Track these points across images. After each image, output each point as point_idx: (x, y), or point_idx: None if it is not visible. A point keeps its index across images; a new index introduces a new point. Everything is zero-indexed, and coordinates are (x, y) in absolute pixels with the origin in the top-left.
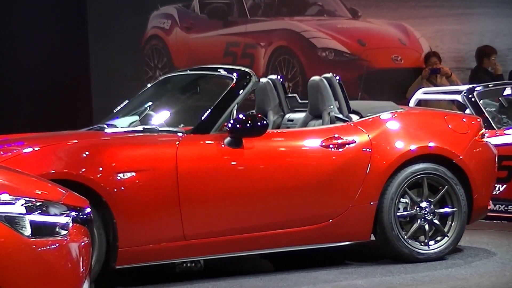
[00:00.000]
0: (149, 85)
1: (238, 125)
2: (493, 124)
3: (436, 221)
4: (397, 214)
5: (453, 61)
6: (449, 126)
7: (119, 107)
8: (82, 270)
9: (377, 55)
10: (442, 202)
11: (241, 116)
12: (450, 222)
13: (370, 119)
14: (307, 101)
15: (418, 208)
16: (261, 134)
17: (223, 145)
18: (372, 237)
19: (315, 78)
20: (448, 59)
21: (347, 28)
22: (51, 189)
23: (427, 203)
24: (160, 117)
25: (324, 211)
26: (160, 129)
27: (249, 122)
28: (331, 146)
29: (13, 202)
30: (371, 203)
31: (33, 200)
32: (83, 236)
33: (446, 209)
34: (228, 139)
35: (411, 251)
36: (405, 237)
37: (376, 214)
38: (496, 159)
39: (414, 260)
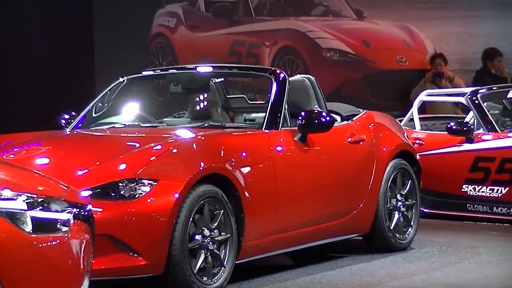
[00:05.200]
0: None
1: (307, 121)
2: (496, 127)
3: (406, 213)
4: None
5: (458, 63)
6: (396, 125)
7: (86, 110)
8: (82, 267)
9: (382, 56)
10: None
11: (309, 112)
12: (411, 213)
13: (362, 118)
14: (256, 102)
15: (395, 201)
16: (328, 129)
17: (296, 140)
18: None
19: (297, 77)
20: (453, 61)
21: (352, 28)
22: (53, 186)
23: (400, 196)
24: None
25: (351, 204)
26: (226, 125)
27: (319, 118)
28: (354, 142)
29: (15, 198)
30: (377, 196)
31: (35, 196)
32: (84, 233)
33: (411, 201)
34: (299, 134)
35: (395, 241)
36: (391, 227)
37: None
38: None
39: (395, 249)
